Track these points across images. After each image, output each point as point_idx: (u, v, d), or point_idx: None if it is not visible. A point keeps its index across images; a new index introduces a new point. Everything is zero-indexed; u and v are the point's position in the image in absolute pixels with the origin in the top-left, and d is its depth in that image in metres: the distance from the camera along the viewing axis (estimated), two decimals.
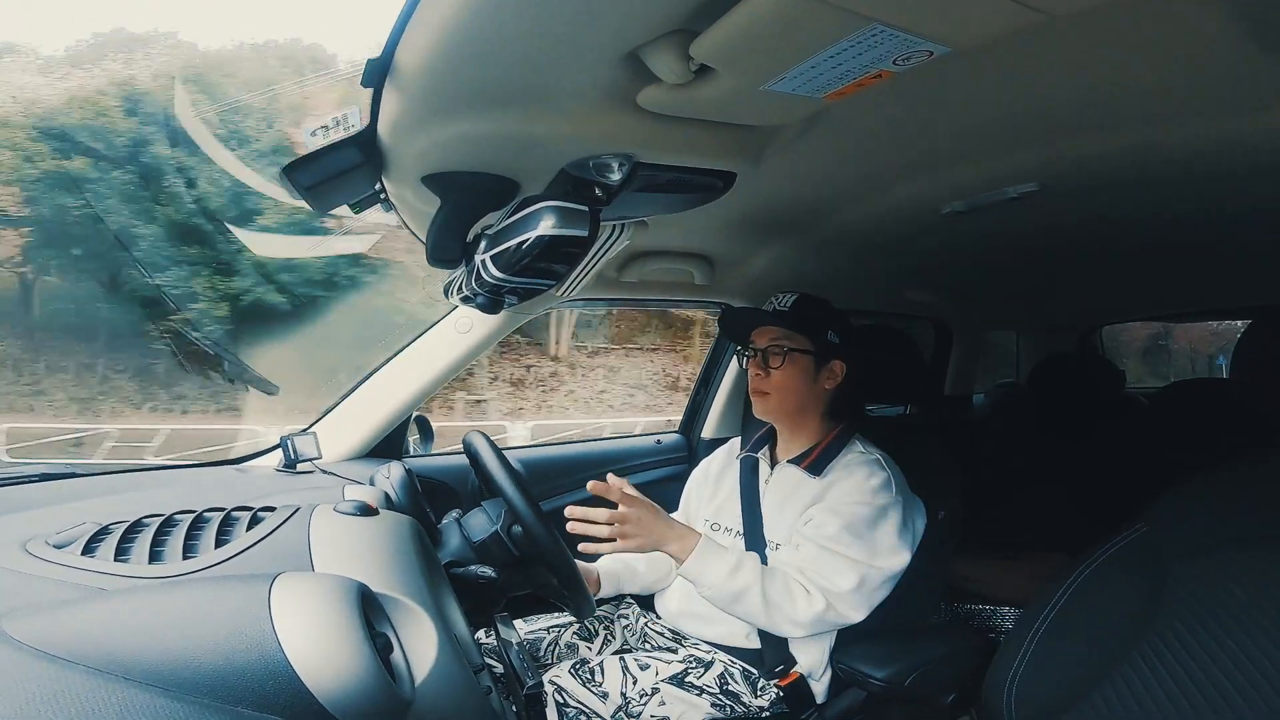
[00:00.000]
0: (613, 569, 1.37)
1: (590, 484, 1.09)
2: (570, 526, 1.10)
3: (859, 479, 1.19)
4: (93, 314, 11.30)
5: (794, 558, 1.17)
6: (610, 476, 1.10)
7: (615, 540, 1.08)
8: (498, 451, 1.07)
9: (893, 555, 1.15)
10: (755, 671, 1.21)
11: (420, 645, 0.63)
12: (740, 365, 1.34)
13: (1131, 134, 0.88)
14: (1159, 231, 1.38)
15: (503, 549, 1.05)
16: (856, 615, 1.14)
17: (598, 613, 1.34)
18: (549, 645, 1.30)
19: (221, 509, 0.77)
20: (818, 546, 1.15)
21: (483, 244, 0.93)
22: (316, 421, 1.47)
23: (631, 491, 1.11)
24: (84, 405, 10.63)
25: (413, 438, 1.57)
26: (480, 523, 1.07)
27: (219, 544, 0.69)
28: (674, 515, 1.48)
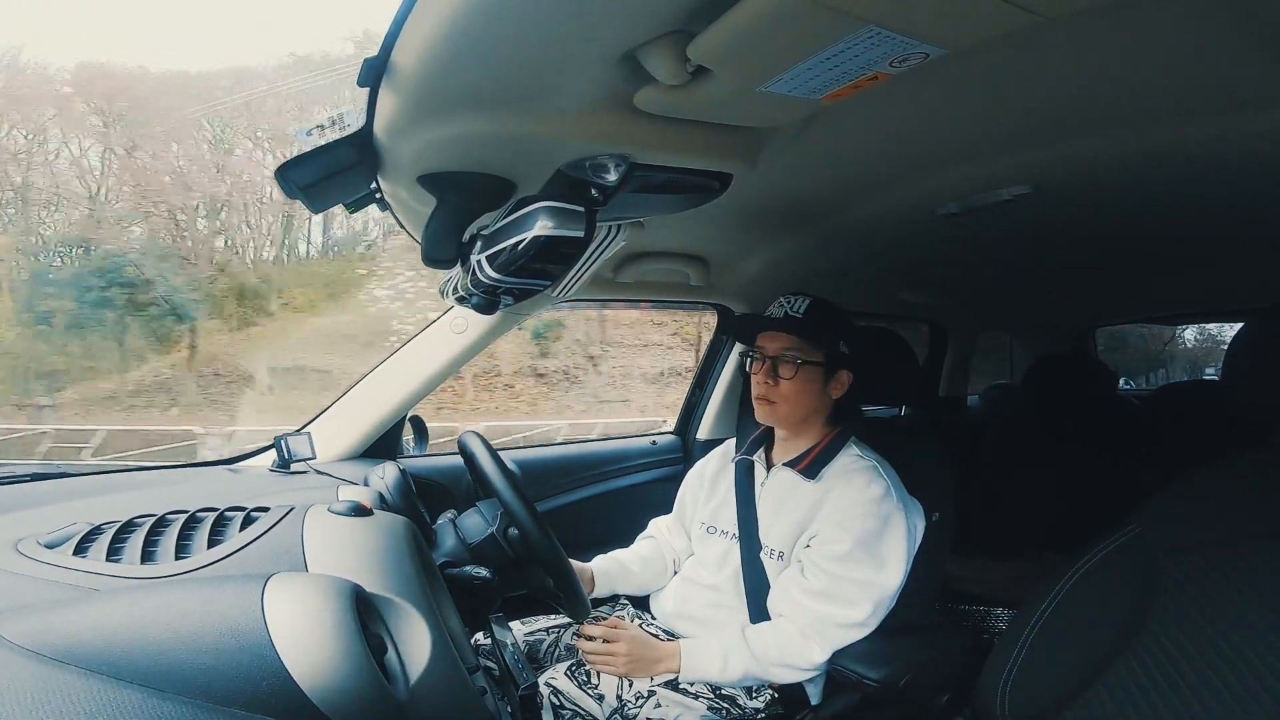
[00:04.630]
0: (607, 569, 1.37)
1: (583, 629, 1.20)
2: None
3: (858, 487, 1.17)
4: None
5: (803, 588, 1.16)
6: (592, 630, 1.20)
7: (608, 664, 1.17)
8: (493, 452, 1.07)
9: (900, 566, 1.16)
10: None
11: (414, 646, 0.63)
12: (745, 368, 1.32)
13: (1124, 136, 0.89)
14: (1152, 234, 1.39)
15: (499, 551, 1.04)
16: (868, 632, 1.15)
17: (593, 614, 1.34)
18: (549, 646, 1.30)
19: (215, 509, 0.77)
20: (828, 575, 1.14)
21: (479, 244, 0.93)
22: (311, 421, 1.47)
23: (615, 632, 1.19)
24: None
25: (407, 438, 1.56)
26: (476, 524, 1.07)
27: (212, 544, 0.69)
28: (669, 517, 1.48)
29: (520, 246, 0.84)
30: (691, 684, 1.16)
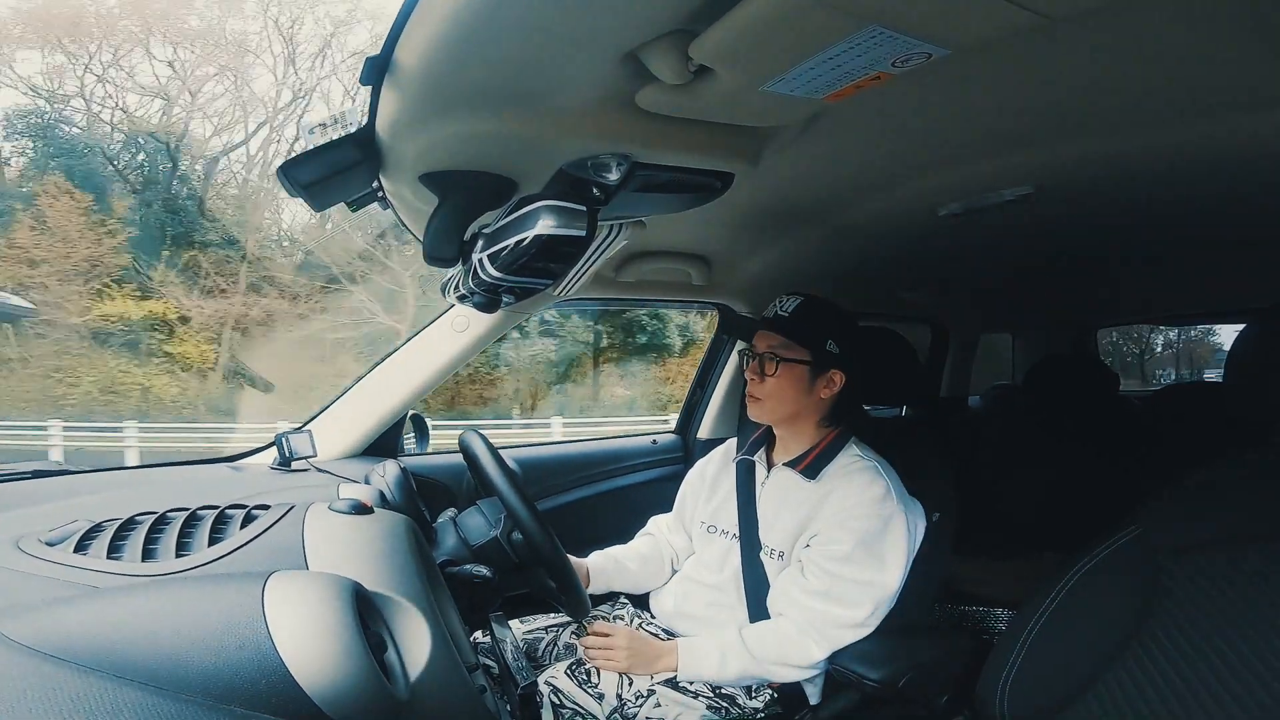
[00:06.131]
0: (602, 565, 1.37)
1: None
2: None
3: (859, 488, 1.17)
4: None
5: (803, 589, 1.16)
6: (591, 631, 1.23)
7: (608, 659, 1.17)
8: (494, 452, 1.07)
9: (900, 567, 1.16)
10: None
11: (414, 644, 0.63)
12: (742, 365, 1.33)
13: (1125, 136, 0.89)
14: (1154, 234, 1.39)
15: (503, 554, 1.04)
16: (868, 632, 1.15)
17: (593, 612, 1.34)
18: (547, 645, 1.30)
19: (215, 507, 0.77)
20: (830, 575, 1.14)
21: (480, 243, 0.93)
22: (312, 419, 1.47)
23: (609, 629, 1.21)
24: None
25: (408, 436, 1.56)
26: (478, 525, 1.07)
27: (212, 542, 0.69)
28: (669, 515, 1.49)
29: (522, 245, 0.84)
30: (691, 683, 1.17)
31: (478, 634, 1.18)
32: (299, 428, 1.39)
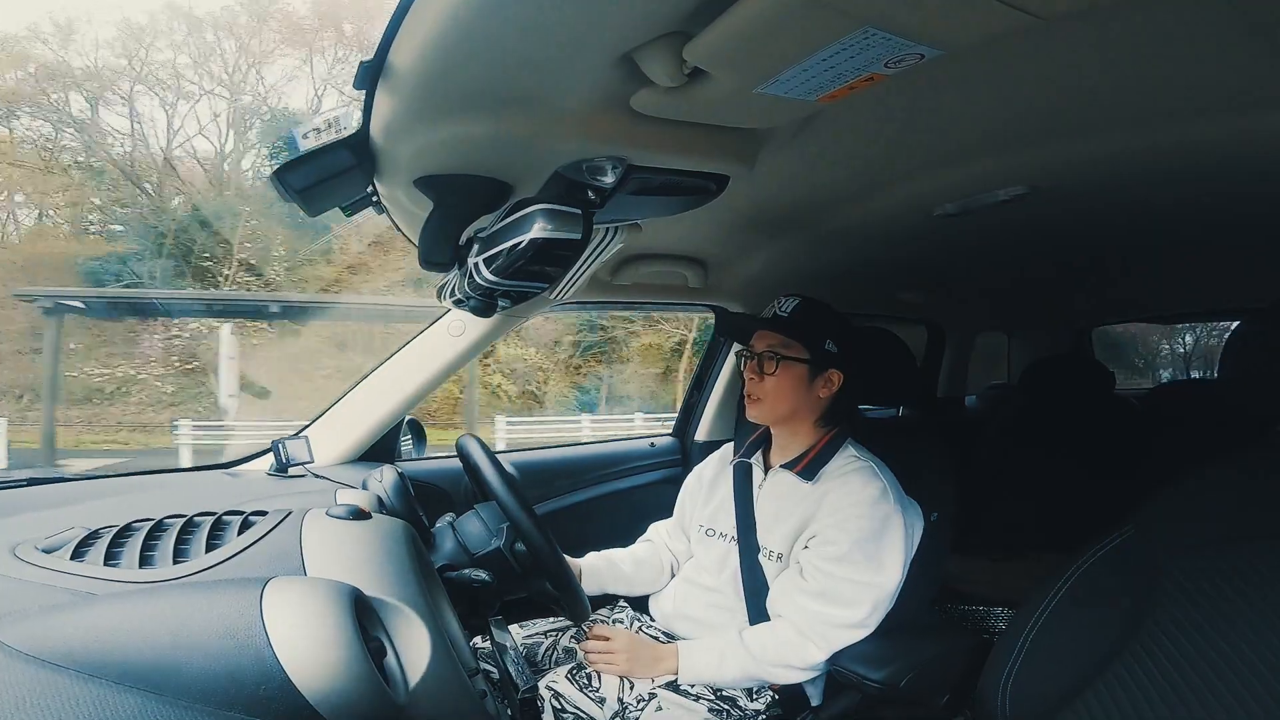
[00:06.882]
0: (594, 565, 1.37)
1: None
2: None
3: (855, 488, 1.18)
4: None
5: (801, 589, 1.16)
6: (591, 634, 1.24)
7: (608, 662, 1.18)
8: (492, 456, 1.07)
9: (898, 567, 1.16)
10: None
11: (414, 649, 0.62)
12: (739, 366, 1.34)
13: (1120, 136, 0.89)
14: (1149, 234, 1.39)
15: (504, 564, 1.04)
16: (867, 632, 1.15)
17: (593, 615, 1.34)
18: (547, 650, 1.30)
19: (212, 513, 0.77)
20: (827, 576, 1.14)
21: (475, 247, 0.92)
22: (309, 425, 1.46)
23: (609, 632, 1.22)
24: None
25: (405, 441, 1.56)
26: (478, 532, 1.06)
27: (210, 548, 0.69)
28: (669, 521, 1.48)
29: (517, 249, 0.84)
30: (692, 686, 1.16)
31: (477, 639, 1.18)
32: (296, 433, 1.39)
